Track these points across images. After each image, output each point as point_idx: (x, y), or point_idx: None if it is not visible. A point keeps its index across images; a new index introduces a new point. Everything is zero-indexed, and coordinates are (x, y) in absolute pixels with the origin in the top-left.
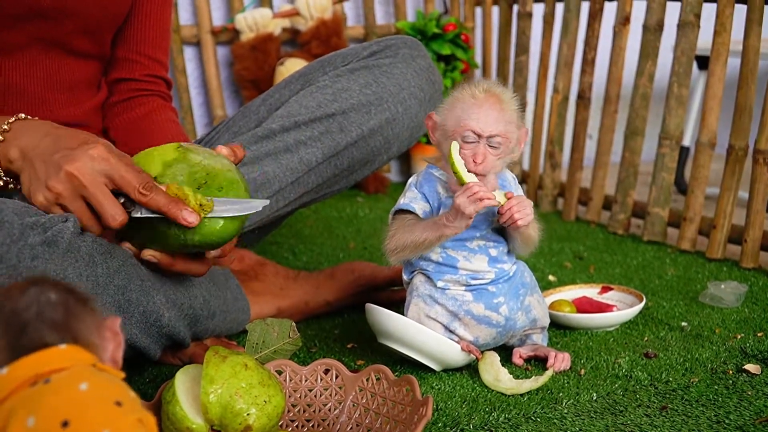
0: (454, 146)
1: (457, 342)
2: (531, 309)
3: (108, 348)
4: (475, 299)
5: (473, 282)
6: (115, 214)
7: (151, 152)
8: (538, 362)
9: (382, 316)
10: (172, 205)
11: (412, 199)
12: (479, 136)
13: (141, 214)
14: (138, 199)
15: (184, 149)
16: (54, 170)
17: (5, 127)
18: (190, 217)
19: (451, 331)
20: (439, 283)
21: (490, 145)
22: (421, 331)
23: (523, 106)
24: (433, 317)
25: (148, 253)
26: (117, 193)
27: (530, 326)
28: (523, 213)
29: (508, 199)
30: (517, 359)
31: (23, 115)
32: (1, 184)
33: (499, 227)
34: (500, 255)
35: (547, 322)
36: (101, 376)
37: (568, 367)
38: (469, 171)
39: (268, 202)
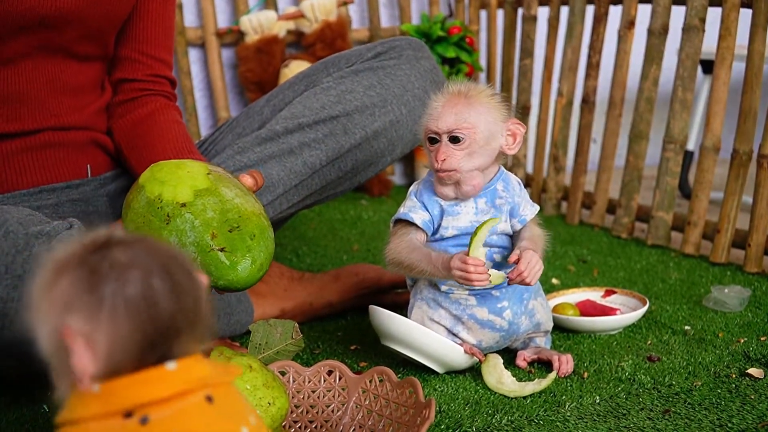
0: (492, 221)
1: (460, 344)
2: (535, 313)
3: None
4: (479, 304)
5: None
6: None
7: (177, 171)
8: (542, 365)
9: (386, 318)
10: None
11: (410, 208)
12: (438, 134)
13: None
14: None
15: (214, 177)
16: None
17: None
18: None
19: (454, 335)
20: (443, 287)
21: (451, 141)
22: (424, 333)
23: (527, 109)
24: (436, 320)
25: None
26: None
27: (534, 330)
28: (532, 274)
29: (508, 278)
30: (520, 362)
31: None
32: None
33: (504, 232)
34: (505, 260)
35: (550, 325)
36: (211, 417)
37: (572, 370)
38: (435, 170)
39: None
